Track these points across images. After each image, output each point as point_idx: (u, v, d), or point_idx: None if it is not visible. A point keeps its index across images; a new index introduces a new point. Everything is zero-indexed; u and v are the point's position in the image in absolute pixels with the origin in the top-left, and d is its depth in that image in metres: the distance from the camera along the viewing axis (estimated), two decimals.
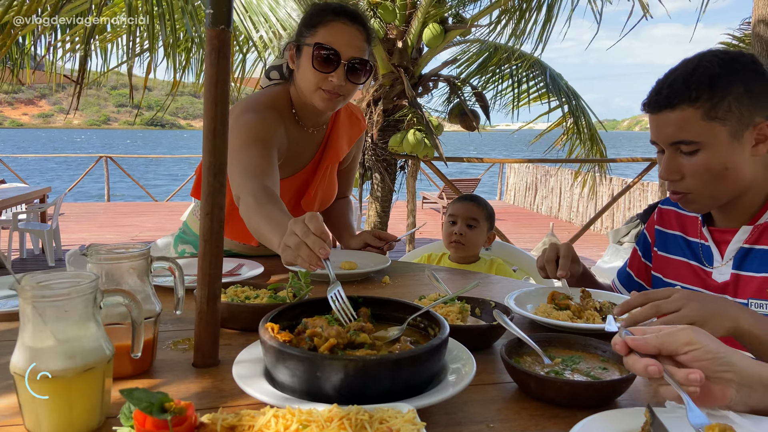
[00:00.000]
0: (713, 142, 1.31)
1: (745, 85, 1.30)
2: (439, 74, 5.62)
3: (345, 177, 2.28)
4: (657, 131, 1.38)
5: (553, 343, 1.09)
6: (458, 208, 2.57)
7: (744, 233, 1.40)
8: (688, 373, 0.81)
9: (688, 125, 1.31)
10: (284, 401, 0.82)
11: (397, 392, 0.84)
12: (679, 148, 1.34)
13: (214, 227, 1.06)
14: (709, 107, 1.29)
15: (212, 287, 1.07)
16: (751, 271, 1.38)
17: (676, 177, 1.37)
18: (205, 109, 1.04)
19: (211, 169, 1.04)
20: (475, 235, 2.51)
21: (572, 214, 12.56)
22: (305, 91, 1.80)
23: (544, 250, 1.58)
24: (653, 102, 1.37)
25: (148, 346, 1.05)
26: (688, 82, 1.31)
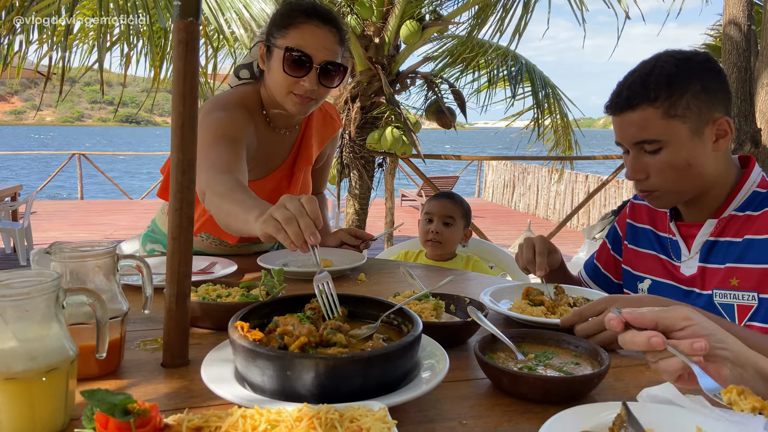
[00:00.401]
0: (675, 140, 1.34)
1: (701, 83, 1.34)
2: (416, 71, 5.62)
3: (320, 174, 2.26)
4: (620, 132, 1.41)
5: (527, 339, 1.09)
6: (434, 206, 2.55)
7: (709, 227, 1.43)
8: (692, 342, 0.82)
9: (649, 125, 1.34)
10: (253, 401, 0.80)
11: (369, 390, 0.83)
12: (643, 147, 1.37)
13: (182, 224, 1.04)
14: (668, 106, 1.32)
15: (181, 286, 1.05)
16: (716, 263, 1.41)
17: (641, 176, 1.40)
18: (173, 104, 1.02)
19: (180, 166, 1.02)
20: (451, 233, 2.50)
21: (549, 211, 12.68)
22: (276, 94, 1.76)
23: (520, 247, 1.59)
24: (614, 104, 1.40)
25: (115, 346, 1.03)
26: (646, 82, 1.34)
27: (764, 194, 1.39)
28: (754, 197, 1.40)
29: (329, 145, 2.17)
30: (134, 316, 1.32)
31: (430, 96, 5.71)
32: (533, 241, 1.58)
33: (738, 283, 1.36)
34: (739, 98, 3.34)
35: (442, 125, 5.62)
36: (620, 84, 1.41)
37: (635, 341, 0.85)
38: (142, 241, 2.19)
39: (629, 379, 1.03)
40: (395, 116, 5.36)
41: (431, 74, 5.74)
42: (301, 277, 1.71)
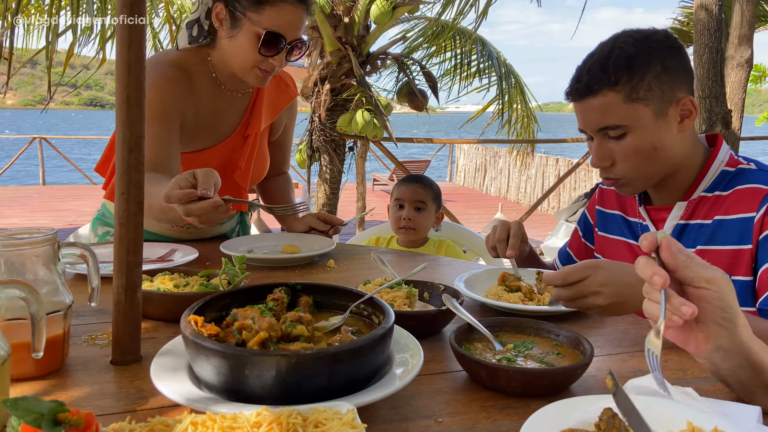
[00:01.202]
0: (638, 124, 1.29)
1: (662, 63, 1.29)
2: (387, 52, 5.51)
3: (279, 150, 2.13)
4: (583, 119, 1.36)
5: (505, 328, 1.03)
6: (404, 191, 2.47)
7: (679, 210, 1.39)
8: (682, 302, 0.77)
9: (612, 110, 1.29)
10: (207, 403, 0.73)
11: (336, 389, 0.75)
12: (607, 133, 1.32)
13: (130, 209, 0.94)
14: (630, 89, 1.28)
15: (131, 276, 0.96)
16: (687, 246, 1.36)
17: (607, 163, 1.35)
18: (117, 74, 0.92)
19: (126, 143, 0.92)
20: (423, 218, 2.43)
21: (520, 194, 12.74)
22: (238, 67, 1.67)
23: (494, 228, 1.53)
24: (574, 90, 1.35)
25: (57, 342, 0.94)
26: (605, 66, 1.29)
27: (733, 173, 1.36)
28: (722, 177, 1.36)
29: (286, 114, 2.05)
30: (83, 309, 1.22)
31: (402, 78, 5.62)
32: (509, 224, 1.52)
33: None
34: (710, 79, 3.33)
35: (414, 107, 5.54)
36: (579, 69, 1.35)
37: (643, 271, 0.78)
38: (92, 225, 2.05)
39: (613, 368, 0.98)
40: (366, 99, 5.26)
41: (402, 56, 5.64)
42: (266, 264, 1.62)
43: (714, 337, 0.80)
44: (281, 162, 2.17)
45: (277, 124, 2.03)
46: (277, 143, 2.10)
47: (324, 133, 5.49)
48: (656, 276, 0.76)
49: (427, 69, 5.71)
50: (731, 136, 3.40)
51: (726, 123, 3.34)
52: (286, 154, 2.19)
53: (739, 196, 1.32)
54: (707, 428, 0.74)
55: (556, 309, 1.21)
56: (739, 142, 3.60)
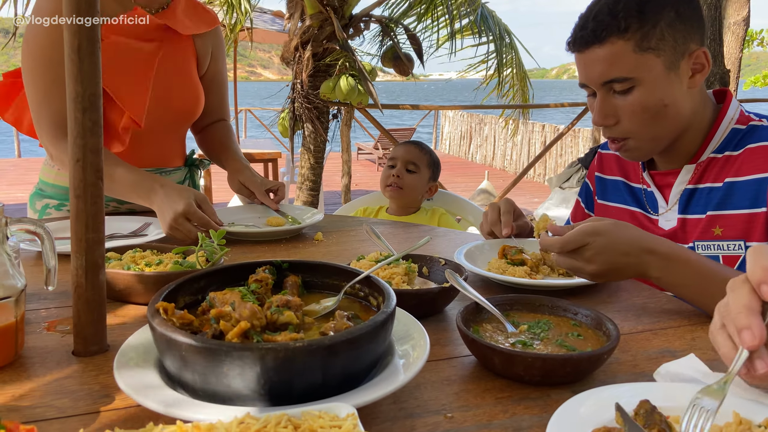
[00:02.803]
0: (648, 77, 1.18)
1: (675, 9, 1.17)
2: (370, 14, 5.31)
3: (214, 90, 1.87)
4: (586, 71, 1.24)
5: (516, 307, 0.93)
6: (398, 151, 2.34)
7: (687, 173, 1.29)
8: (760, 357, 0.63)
9: (620, 60, 1.18)
10: (181, 407, 0.61)
11: (331, 386, 0.65)
12: (612, 87, 1.21)
13: (88, 178, 0.81)
14: (641, 37, 1.16)
15: (91, 255, 0.83)
16: (696, 213, 1.27)
17: (611, 121, 1.24)
18: (64, 21, 0.78)
19: (78, 102, 0.79)
20: (414, 181, 2.27)
21: (506, 162, 12.65)
22: None
23: (484, 214, 1.42)
24: (579, 39, 1.22)
25: (9, 333, 0.82)
26: (614, 11, 1.17)
27: (744, 131, 1.25)
28: (732, 135, 1.25)
29: (210, 41, 1.81)
30: (44, 291, 1.10)
31: (386, 42, 5.43)
32: (498, 204, 1.41)
33: (722, 232, 1.23)
34: (708, 38, 3.20)
35: (399, 72, 5.37)
36: (583, 16, 1.22)
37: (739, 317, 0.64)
38: (30, 202, 1.84)
39: (636, 349, 0.89)
40: (350, 64, 5.08)
41: (386, 18, 5.44)
42: (248, 238, 1.50)
43: None
44: (218, 105, 1.91)
45: (202, 52, 1.80)
46: (209, 82, 1.85)
47: (307, 100, 5.30)
48: (748, 333, 0.62)
49: (412, 32, 5.51)
50: None
51: (724, 83, 3.24)
52: (223, 96, 1.93)
53: (751, 155, 1.22)
54: (757, 419, 0.65)
55: (566, 283, 1.11)
56: None
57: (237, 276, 0.85)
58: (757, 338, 0.61)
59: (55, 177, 1.77)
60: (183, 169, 1.90)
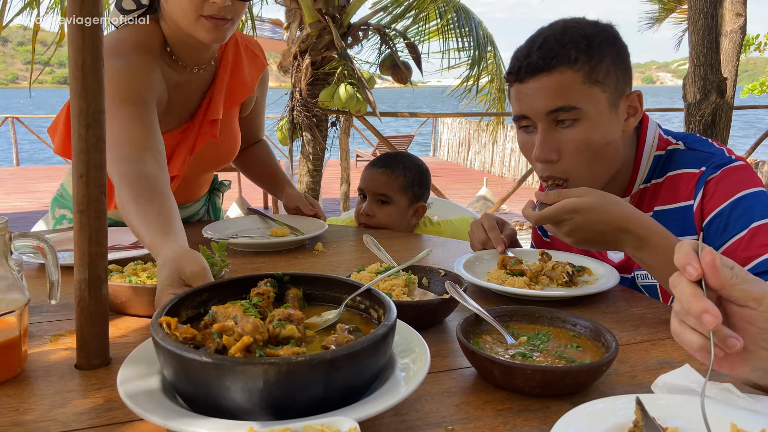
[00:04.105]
0: (594, 111, 1.17)
1: (616, 51, 1.20)
2: (368, 23, 5.34)
3: (254, 122, 1.96)
4: (529, 101, 1.19)
5: (515, 318, 0.94)
6: (365, 178, 1.95)
7: None
8: (729, 334, 0.66)
9: (569, 89, 1.16)
10: (184, 421, 0.62)
11: (333, 399, 0.65)
12: (557, 118, 1.18)
13: (91, 193, 0.82)
14: (589, 69, 1.16)
15: (94, 269, 0.84)
16: None
17: (554, 157, 1.20)
18: (69, 38, 0.79)
19: (83, 118, 0.80)
20: (387, 215, 1.90)
21: (504, 168, 12.67)
22: (182, 22, 1.44)
23: (470, 233, 1.43)
24: (525, 67, 1.18)
25: (12, 347, 0.82)
26: (562, 41, 1.16)
27: (664, 156, 1.27)
28: (656, 163, 1.28)
29: (257, 87, 1.85)
30: (45, 304, 1.10)
31: (384, 50, 5.46)
32: (480, 222, 1.42)
33: None
34: (705, 46, 3.23)
35: (397, 80, 5.40)
36: (525, 47, 1.20)
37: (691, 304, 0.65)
38: (51, 206, 1.90)
39: (635, 360, 0.89)
40: (348, 72, 5.10)
41: (384, 26, 5.47)
42: (249, 249, 1.51)
43: (754, 359, 0.69)
44: (257, 132, 2.01)
45: (248, 99, 1.86)
46: (251, 116, 1.93)
47: (305, 108, 5.33)
48: (708, 316, 0.64)
49: (410, 40, 5.55)
50: (725, 105, 3.32)
51: (721, 91, 3.25)
52: (261, 123, 2.02)
53: (673, 183, 1.24)
54: (754, 430, 0.65)
55: (566, 294, 1.12)
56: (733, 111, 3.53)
57: (238, 289, 0.86)
58: (716, 317, 0.64)
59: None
60: (204, 196, 1.98)
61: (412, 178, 1.93)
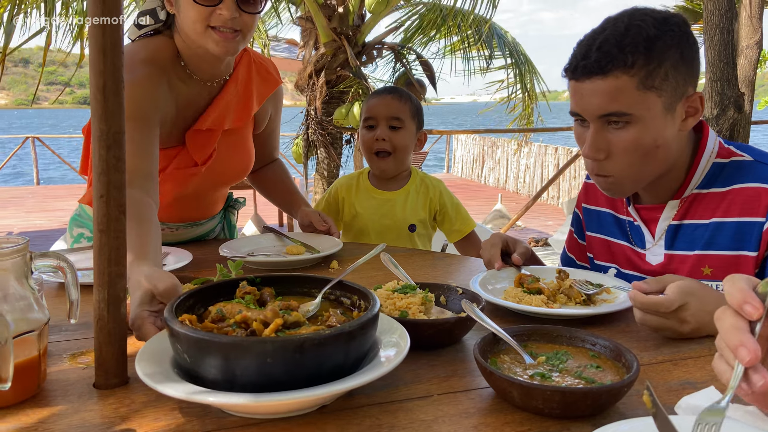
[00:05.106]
0: (647, 115, 1.15)
1: (681, 51, 1.16)
2: (383, 42, 5.39)
3: (269, 141, 1.98)
4: (583, 101, 1.19)
5: (533, 337, 0.93)
6: (375, 106, 1.97)
7: (672, 209, 1.28)
8: (762, 376, 0.63)
9: (622, 95, 1.14)
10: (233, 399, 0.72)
11: (348, 366, 0.78)
12: (609, 120, 1.17)
13: (111, 213, 0.83)
14: (645, 75, 1.13)
15: (114, 289, 0.85)
16: (682, 249, 1.26)
17: (602, 156, 1.20)
18: (91, 61, 0.81)
19: (104, 140, 0.81)
20: (402, 138, 1.96)
21: (519, 184, 12.62)
22: (193, 34, 1.47)
23: (482, 253, 1.42)
24: (580, 67, 1.18)
25: (32, 366, 0.83)
26: (621, 44, 1.13)
27: (727, 165, 1.24)
28: (716, 170, 1.24)
29: (270, 104, 1.88)
30: (65, 323, 1.11)
31: (398, 68, 5.50)
32: (488, 240, 1.41)
33: (711, 272, 1.22)
34: (722, 61, 3.20)
35: None
36: (585, 44, 1.18)
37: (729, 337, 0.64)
38: (69, 225, 1.93)
39: (656, 381, 0.88)
40: (363, 90, 5.14)
41: (399, 45, 5.51)
42: (265, 267, 1.51)
43: None
44: (272, 149, 2.03)
45: (262, 115, 1.87)
46: (265, 134, 1.95)
47: (320, 126, 5.37)
48: (743, 350, 0.62)
49: (424, 58, 5.58)
50: (743, 120, 3.29)
51: (738, 106, 3.22)
52: (275, 142, 2.04)
53: (739, 195, 1.21)
54: None
55: (584, 312, 1.11)
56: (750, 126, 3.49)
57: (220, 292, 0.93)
58: (752, 353, 0.62)
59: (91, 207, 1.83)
60: (219, 213, 1.99)
61: (417, 105, 2.04)
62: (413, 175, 2.07)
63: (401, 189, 2.03)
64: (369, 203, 2.02)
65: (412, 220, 2.00)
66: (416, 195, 2.03)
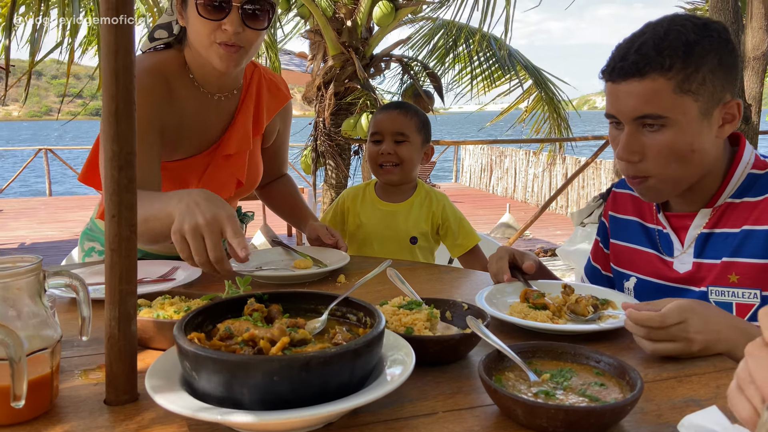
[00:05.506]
0: (683, 120, 1.17)
1: (719, 57, 1.16)
2: (391, 54, 5.42)
3: (277, 156, 2.02)
4: (619, 103, 1.21)
5: (538, 354, 0.93)
6: (380, 121, 2.03)
7: (703, 217, 1.28)
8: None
9: (658, 98, 1.16)
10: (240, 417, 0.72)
11: (353, 384, 0.79)
12: (644, 122, 1.19)
13: (122, 233, 0.85)
14: (683, 78, 1.15)
15: (124, 307, 0.87)
16: (711, 257, 1.26)
17: (636, 158, 1.22)
18: (103, 84, 0.83)
19: (115, 161, 0.83)
20: (407, 151, 2.01)
21: (527, 194, 12.61)
22: (199, 48, 1.52)
23: (489, 266, 1.43)
24: (618, 69, 1.20)
25: (44, 383, 0.85)
26: (659, 47, 1.15)
27: (762, 176, 1.25)
28: (750, 181, 1.25)
29: (279, 120, 1.92)
30: (76, 338, 1.13)
31: (406, 80, 5.53)
32: (494, 254, 1.43)
33: (738, 279, 1.22)
34: None
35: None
36: (624, 47, 1.20)
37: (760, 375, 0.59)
38: (80, 239, 1.96)
39: (660, 398, 0.88)
40: (371, 102, 5.17)
41: (406, 57, 5.55)
42: (275, 281, 1.53)
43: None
44: (281, 165, 2.07)
45: (270, 130, 1.91)
46: (273, 149, 1.99)
47: (328, 137, 5.40)
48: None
49: (431, 70, 5.61)
50: (751, 131, 3.28)
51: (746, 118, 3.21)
52: (284, 158, 2.09)
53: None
54: None
55: (589, 328, 1.11)
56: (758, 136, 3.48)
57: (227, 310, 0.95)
58: None
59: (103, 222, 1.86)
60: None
61: (423, 120, 2.09)
62: (418, 188, 2.11)
63: (405, 201, 2.07)
64: (373, 214, 2.06)
65: (413, 233, 2.02)
66: (419, 208, 2.06)
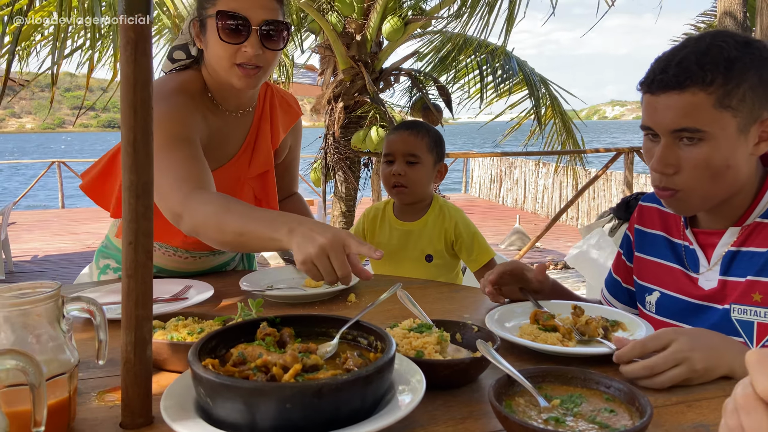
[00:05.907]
0: (721, 135, 1.17)
1: (760, 75, 1.17)
2: (400, 68, 5.46)
3: (287, 172, 2.06)
4: (656, 115, 1.22)
5: (548, 378, 0.94)
6: (392, 142, 2.07)
7: (731, 236, 1.28)
8: None
9: (697, 111, 1.16)
10: None
11: (365, 410, 0.80)
12: (681, 136, 1.19)
13: (139, 259, 0.87)
14: (723, 94, 1.15)
15: (140, 332, 0.89)
16: (737, 275, 1.26)
17: (671, 170, 1.22)
18: (122, 116, 0.85)
19: (133, 190, 0.86)
20: (417, 173, 2.04)
21: (537, 205, 12.58)
22: (219, 70, 1.57)
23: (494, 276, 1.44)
24: (658, 81, 1.20)
25: (62, 407, 0.87)
26: (701, 62, 1.16)
27: None
28: None
29: (291, 136, 1.96)
30: (92, 360, 1.15)
31: (415, 93, 5.56)
32: (494, 270, 1.44)
33: (761, 298, 1.22)
34: None
35: (428, 122, 5.47)
36: (665, 60, 1.21)
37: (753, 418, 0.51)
38: (95, 256, 2.00)
39: (670, 424, 0.89)
40: (380, 115, 5.20)
41: (415, 71, 5.59)
42: (285, 301, 1.54)
43: None
44: (291, 183, 2.10)
45: (282, 146, 1.96)
46: (284, 165, 2.03)
47: (338, 150, 5.44)
48: None
49: (440, 83, 5.64)
50: None
51: None
52: (295, 176, 2.13)
53: None
54: None
55: (601, 351, 1.12)
56: None
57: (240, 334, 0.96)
58: None
59: (119, 240, 1.89)
60: None
61: (435, 139, 2.11)
62: (433, 205, 2.14)
63: (419, 220, 2.12)
64: (391, 234, 2.12)
65: (428, 251, 2.04)
66: (433, 226, 2.10)
